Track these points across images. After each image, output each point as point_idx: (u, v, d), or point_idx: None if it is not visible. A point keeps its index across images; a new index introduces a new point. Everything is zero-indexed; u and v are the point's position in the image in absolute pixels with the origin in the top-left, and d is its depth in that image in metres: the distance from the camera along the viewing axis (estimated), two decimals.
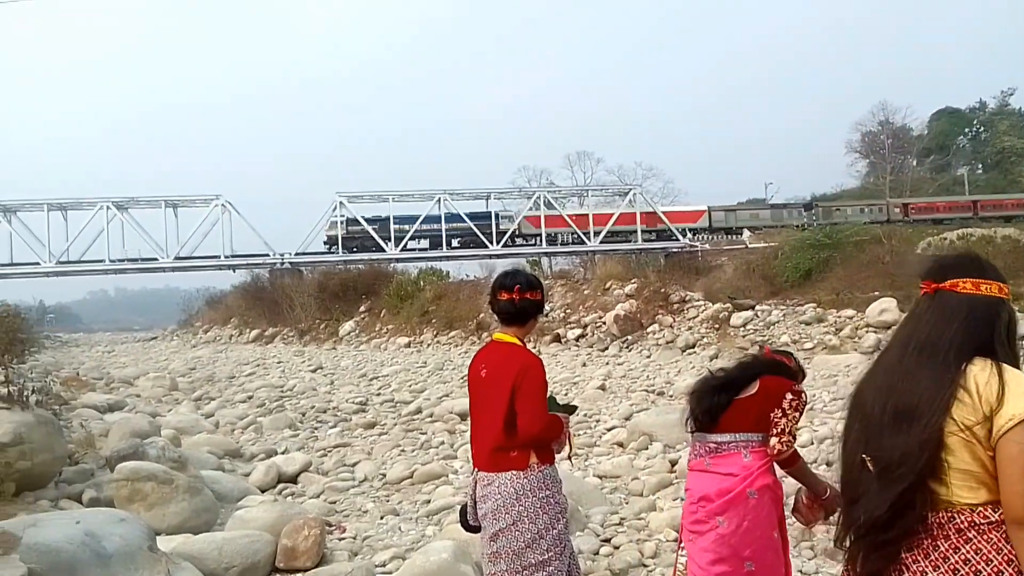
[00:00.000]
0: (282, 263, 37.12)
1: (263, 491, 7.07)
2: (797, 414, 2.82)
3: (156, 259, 37.05)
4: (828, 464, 6.71)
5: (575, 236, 38.56)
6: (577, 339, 22.65)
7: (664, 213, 39.06)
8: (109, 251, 36.66)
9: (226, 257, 37.77)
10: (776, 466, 2.86)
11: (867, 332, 17.63)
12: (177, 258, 37.04)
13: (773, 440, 2.80)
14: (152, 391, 14.81)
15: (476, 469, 2.92)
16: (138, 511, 5.25)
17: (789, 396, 2.84)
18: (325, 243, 38.10)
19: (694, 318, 21.81)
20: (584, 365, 18.14)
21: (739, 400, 2.88)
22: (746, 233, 36.18)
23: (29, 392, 6.96)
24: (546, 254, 39.57)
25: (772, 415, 2.82)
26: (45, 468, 6.11)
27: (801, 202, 42.50)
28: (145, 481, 5.53)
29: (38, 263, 36.08)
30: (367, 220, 37.47)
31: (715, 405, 2.89)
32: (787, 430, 2.81)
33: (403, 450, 8.87)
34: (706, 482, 2.84)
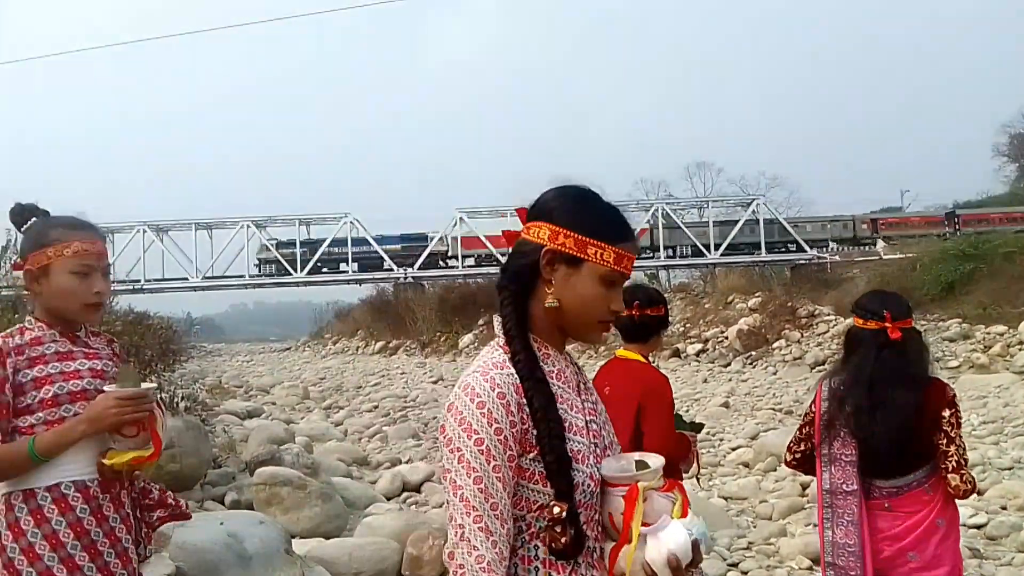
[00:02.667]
0: (405, 277, 38.33)
1: (389, 499, 7.29)
2: (961, 431, 2.54)
3: (290, 274, 39.15)
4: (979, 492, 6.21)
5: (694, 248, 37.69)
6: (698, 354, 22.07)
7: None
8: (248, 267, 39.12)
9: (353, 272, 39.46)
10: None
11: (1020, 350, 16.23)
12: (308, 273, 39.01)
13: (953, 479, 2.51)
14: (286, 399, 15.63)
15: None
16: (275, 514, 5.53)
17: (947, 413, 2.54)
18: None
19: (824, 333, 20.78)
20: (705, 381, 17.64)
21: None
22: (880, 244, 34.17)
23: (179, 399, 7.50)
24: (664, 267, 38.88)
25: (937, 441, 2.54)
26: (192, 471, 6.54)
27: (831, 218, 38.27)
28: (282, 486, 5.82)
29: (186, 278, 38.95)
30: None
31: (912, 445, 2.58)
32: (962, 459, 2.52)
33: None
34: (889, 521, 2.60)
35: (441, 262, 38.45)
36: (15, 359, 1.87)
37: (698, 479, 3.63)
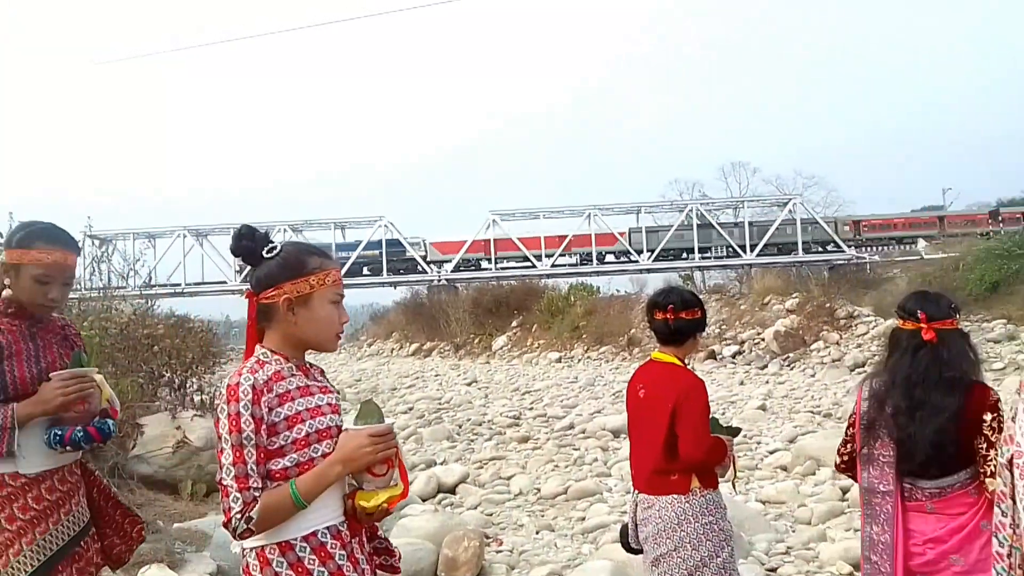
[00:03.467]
0: (439, 280, 38.55)
1: (424, 500, 7.33)
2: (1000, 435, 2.52)
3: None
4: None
5: (730, 249, 37.31)
6: (733, 356, 21.84)
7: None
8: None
9: (387, 274, 39.81)
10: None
11: None
12: (344, 275, 39.45)
13: (991, 483, 2.45)
14: None
15: (635, 491, 2.88)
16: None
17: (988, 417, 2.49)
18: None
19: (863, 335, 20.41)
20: (742, 383, 17.44)
21: None
22: (921, 243, 33.49)
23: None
24: (699, 268, 38.55)
25: (977, 445, 2.50)
26: None
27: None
28: None
29: (225, 281, 39.65)
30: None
31: (951, 447, 2.53)
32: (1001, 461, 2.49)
33: (556, 465, 8.90)
34: (932, 523, 2.57)
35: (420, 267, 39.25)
36: (268, 396, 1.75)
37: (734, 484, 3.60)
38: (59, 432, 2.19)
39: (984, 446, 2.49)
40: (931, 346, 2.60)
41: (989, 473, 2.47)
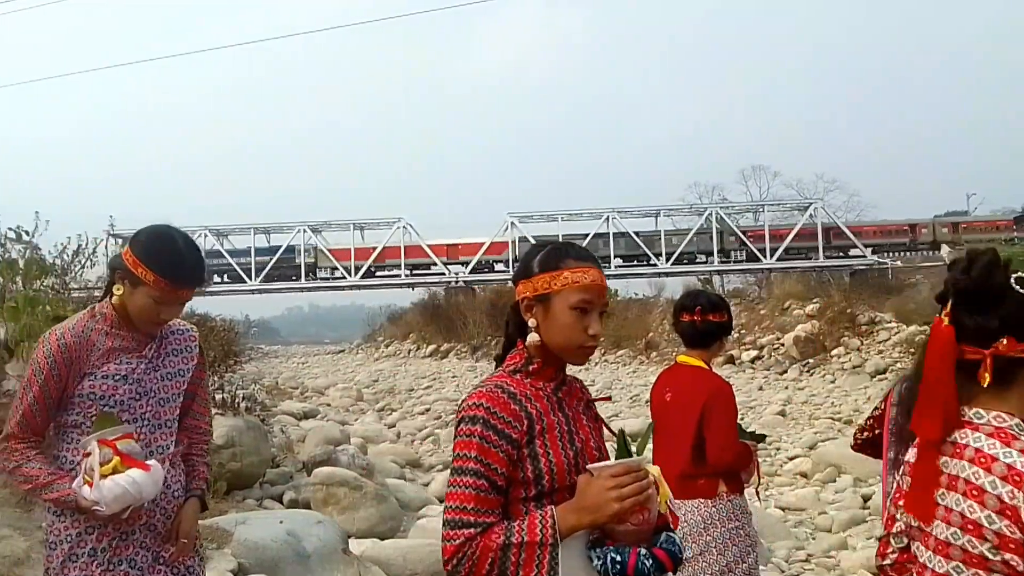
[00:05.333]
0: (456, 282, 38.59)
1: (441, 501, 7.33)
2: None
3: (344, 278, 39.78)
4: None
5: (749, 253, 37.05)
6: (753, 361, 21.68)
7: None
8: (303, 270, 39.90)
9: (406, 276, 39.91)
10: None
11: None
12: (362, 276, 39.60)
13: None
14: (341, 401, 15.89)
15: None
16: (331, 514, 5.62)
17: None
18: None
19: (885, 341, 20.18)
20: (761, 389, 17.32)
21: None
22: (944, 249, 33.08)
23: (240, 399, 7.68)
24: (718, 272, 38.31)
25: None
26: (252, 470, 6.70)
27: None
28: (338, 486, 5.91)
29: (245, 281, 39.90)
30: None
31: None
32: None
33: None
34: None
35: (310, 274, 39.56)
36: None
37: (757, 491, 3.58)
38: (618, 558, 1.46)
39: None
40: None
41: None
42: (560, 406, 1.60)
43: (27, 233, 6.80)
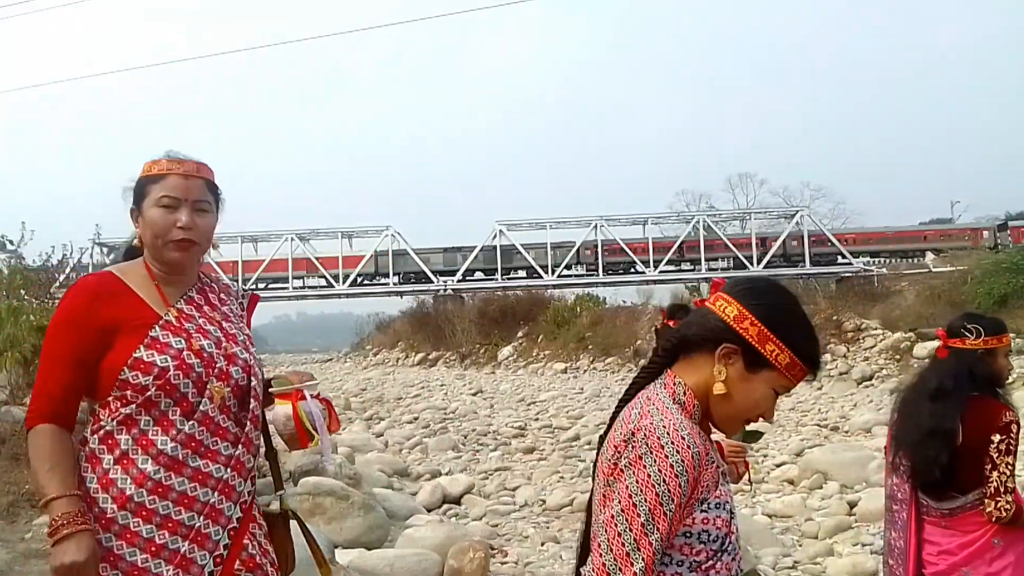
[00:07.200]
0: (445, 290, 38.58)
1: (429, 511, 7.32)
2: (1010, 459, 2.49)
3: (333, 286, 39.69)
4: None
5: (736, 260, 37.27)
6: None
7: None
8: (291, 278, 39.79)
9: (394, 284, 39.87)
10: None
11: None
12: (351, 285, 39.51)
13: (988, 504, 2.48)
14: None
15: None
16: (318, 524, 5.60)
17: (996, 438, 2.49)
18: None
19: (871, 348, 20.37)
20: None
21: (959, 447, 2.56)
22: (929, 256, 33.38)
23: None
24: (706, 279, 38.49)
25: (984, 465, 2.50)
26: None
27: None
28: (325, 496, 5.89)
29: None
30: None
31: (940, 462, 2.56)
32: (1003, 485, 2.47)
33: (562, 477, 8.88)
34: (946, 536, 2.62)
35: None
36: None
37: (751, 485, 3.59)
38: None
39: (988, 467, 2.50)
40: (936, 360, 2.75)
41: (988, 495, 2.49)
42: None
43: (11, 243, 6.76)
